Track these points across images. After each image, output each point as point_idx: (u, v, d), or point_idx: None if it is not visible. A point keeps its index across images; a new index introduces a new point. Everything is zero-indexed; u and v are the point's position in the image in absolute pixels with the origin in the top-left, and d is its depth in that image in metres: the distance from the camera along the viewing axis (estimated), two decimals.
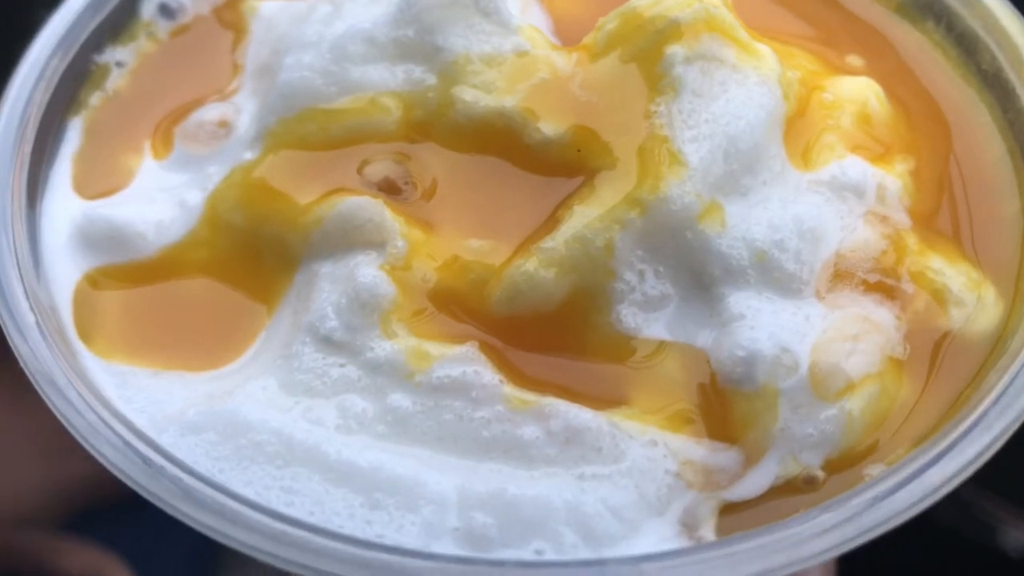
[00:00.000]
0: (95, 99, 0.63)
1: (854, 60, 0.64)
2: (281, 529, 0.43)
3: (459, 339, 0.51)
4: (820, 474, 0.49)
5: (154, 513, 0.46)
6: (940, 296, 0.53)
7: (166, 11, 0.67)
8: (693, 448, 0.49)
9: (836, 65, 0.63)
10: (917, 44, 0.65)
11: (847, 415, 0.49)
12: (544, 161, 0.55)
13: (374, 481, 0.47)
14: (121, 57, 0.64)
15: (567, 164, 0.55)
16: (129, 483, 0.45)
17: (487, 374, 0.50)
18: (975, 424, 0.46)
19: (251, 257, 0.55)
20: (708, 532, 0.47)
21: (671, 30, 0.55)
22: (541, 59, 0.57)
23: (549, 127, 0.55)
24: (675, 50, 0.55)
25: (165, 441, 0.48)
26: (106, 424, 0.46)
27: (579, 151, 0.54)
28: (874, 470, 0.48)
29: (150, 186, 0.59)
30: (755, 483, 0.49)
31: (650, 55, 0.55)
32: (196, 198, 0.57)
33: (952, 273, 0.54)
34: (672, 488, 0.48)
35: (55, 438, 0.50)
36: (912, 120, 0.61)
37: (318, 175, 0.56)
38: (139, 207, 0.57)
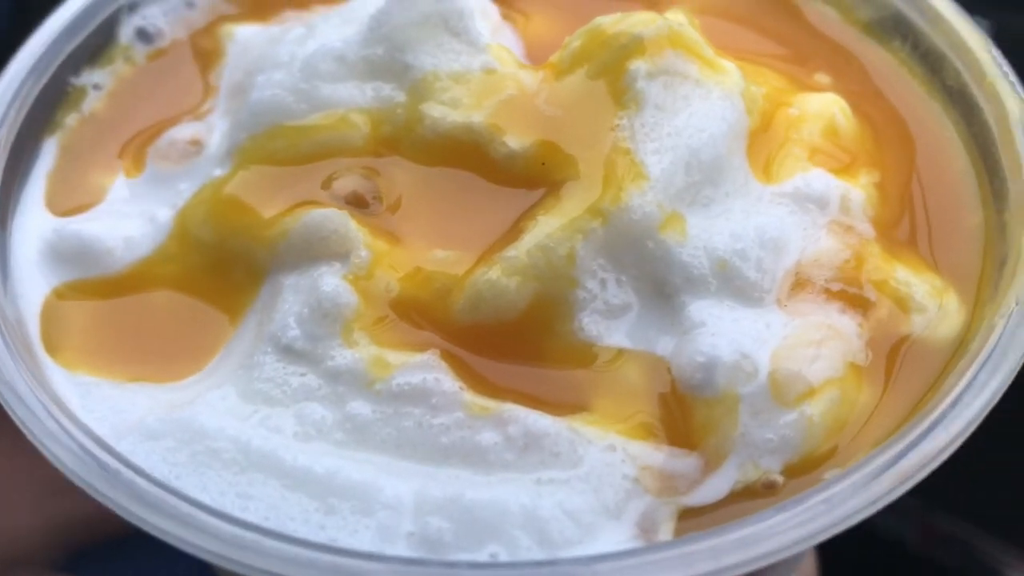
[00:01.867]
0: (71, 120, 0.64)
1: (822, 78, 0.65)
2: (232, 532, 0.43)
3: (421, 347, 0.51)
4: (779, 479, 0.49)
5: (149, 553, 0.46)
6: (903, 304, 0.53)
7: (144, 35, 0.68)
8: (652, 454, 0.49)
9: (804, 83, 0.64)
10: (884, 62, 0.66)
11: (807, 420, 0.49)
12: (510, 174, 0.56)
13: (330, 487, 0.47)
14: (98, 80, 0.65)
15: (532, 177, 0.55)
16: (85, 488, 0.46)
17: (447, 381, 0.50)
18: (931, 427, 0.46)
19: (219, 271, 0.56)
20: (666, 537, 0.47)
21: (635, 46, 0.56)
22: (508, 76, 0.58)
23: (515, 141, 0.56)
24: (638, 65, 0.55)
25: (123, 448, 0.48)
26: (65, 431, 0.47)
27: (543, 164, 0.55)
28: (833, 474, 0.48)
29: (121, 203, 0.60)
30: (714, 488, 0.48)
31: (614, 70, 0.56)
32: (166, 214, 0.58)
33: (915, 281, 0.54)
34: (630, 493, 0.48)
35: (52, 480, 0.50)
36: (878, 135, 0.62)
37: (287, 190, 0.56)
38: (109, 223, 0.58)
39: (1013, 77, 0.59)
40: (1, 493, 1.04)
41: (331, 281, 0.52)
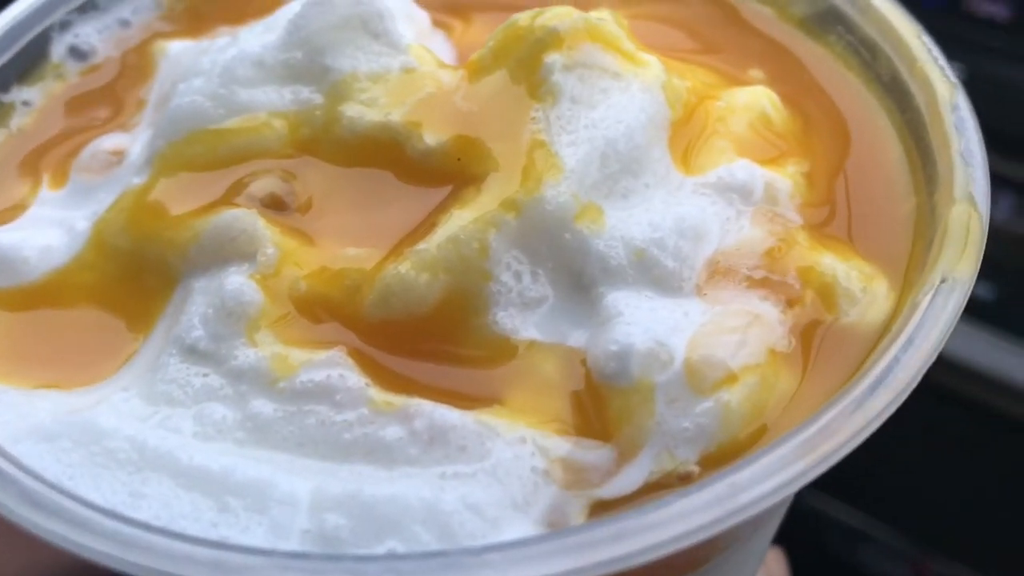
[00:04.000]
0: None
1: (756, 74, 0.64)
2: (114, 528, 0.41)
3: (329, 345, 0.50)
4: (696, 469, 0.47)
5: None
6: (829, 290, 0.52)
7: (77, 53, 0.68)
8: (564, 446, 0.47)
9: (737, 78, 0.63)
10: (820, 57, 0.65)
11: (724, 407, 0.47)
12: (426, 171, 0.55)
13: (225, 485, 0.45)
14: (28, 96, 0.65)
15: (448, 173, 0.54)
16: None
17: (352, 377, 0.48)
18: (848, 409, 0.44)
19: (134, 279, 0.55)
20: None
21: (550, 39, 0.55)
22: (427, 75, 0.58)
23: (431, 137, 0.55)
24: (554, 58, 0.55)
25: (19, 450, 0.47)
26: None
27: (459, 160, 0.54)
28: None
29: (43, 215, 0.59)
30: (629, 480, 0.47)
31: (530, 64, 0.55)
32: (84, 224, 0.57)
33: (843, 268, 0.52)
34: (539, 486, 0.46)
35: None
36: (811, 126, 0.61)
37: (204, 195, 0.56)
38: (27, 234, 0.57)
39: (943, 62, 0.58)
40: None
41: (236, 280, 0.51)
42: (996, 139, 0.56)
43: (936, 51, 0.58)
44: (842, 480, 0.46)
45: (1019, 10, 1.11)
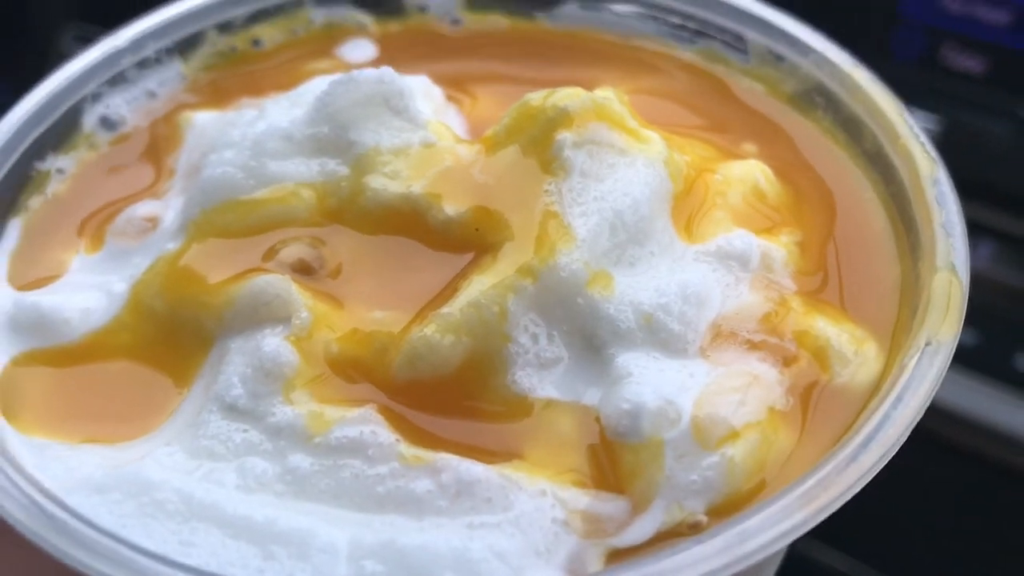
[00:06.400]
0: (35, 202, 0.67)
1: (749, 147, 0.69)
2: (170, 575, 0.45)
3: (360, 403, 0.53)
4: (704, 519, 0.50)
5: None
6: (822, 352, 0.56)
7: (107, 123, 0.72)
8: (581, 498, 0.51)
9: (731, 152, 0.68)
10: (808, 131, 0.70)
11: (728, 461, 0.51)
12: (446, 240, 0.59)
13: (269, 534, 0.49)
14: (62, 164, 0.69)
15: (467, 242, 0.58)
16: (36, 540, 0.47)
17: (384, 434, 0.52)
18: (843, 463, 0.48)
19: (170, 339, 0.58)
20: None
21: (561, 118, 0.59)
22: (446, 150, 0.62)
23: (451, 208, 0.59)
24: (564, 136, 0.59)
25: (72, 501, 0.50)
26: (14, 484, 0.49)
27: (477, 230, 0.58)
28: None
29: (80, 278, 0.63)
30: (642, 530, 0.50)
31: (542, 141, 0.59)
32: (122, 287, 0.60)
33: (835, 332, 0.57)
34: (559, 535, 0.50)
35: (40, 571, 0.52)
36: (801, 197, 0.65)
37: (236, 261, 0.59)
38: (67, 295, 0.61)
39: (923, 138, 0.63)
40: None
41: (273, 342, 0.54)
42: (973, 188, 0.60)
43: (917, 128, 0.63)
44: (830, 525, 0.50)
45: (993, 64, 1.16)
